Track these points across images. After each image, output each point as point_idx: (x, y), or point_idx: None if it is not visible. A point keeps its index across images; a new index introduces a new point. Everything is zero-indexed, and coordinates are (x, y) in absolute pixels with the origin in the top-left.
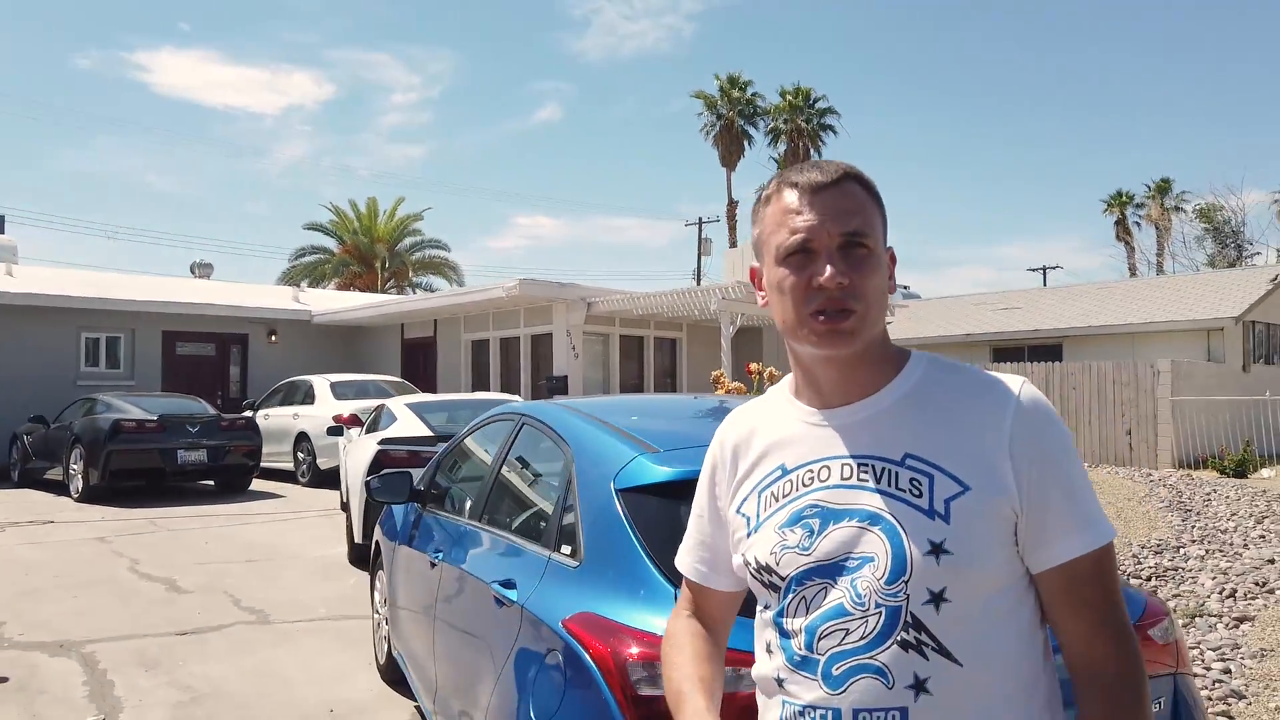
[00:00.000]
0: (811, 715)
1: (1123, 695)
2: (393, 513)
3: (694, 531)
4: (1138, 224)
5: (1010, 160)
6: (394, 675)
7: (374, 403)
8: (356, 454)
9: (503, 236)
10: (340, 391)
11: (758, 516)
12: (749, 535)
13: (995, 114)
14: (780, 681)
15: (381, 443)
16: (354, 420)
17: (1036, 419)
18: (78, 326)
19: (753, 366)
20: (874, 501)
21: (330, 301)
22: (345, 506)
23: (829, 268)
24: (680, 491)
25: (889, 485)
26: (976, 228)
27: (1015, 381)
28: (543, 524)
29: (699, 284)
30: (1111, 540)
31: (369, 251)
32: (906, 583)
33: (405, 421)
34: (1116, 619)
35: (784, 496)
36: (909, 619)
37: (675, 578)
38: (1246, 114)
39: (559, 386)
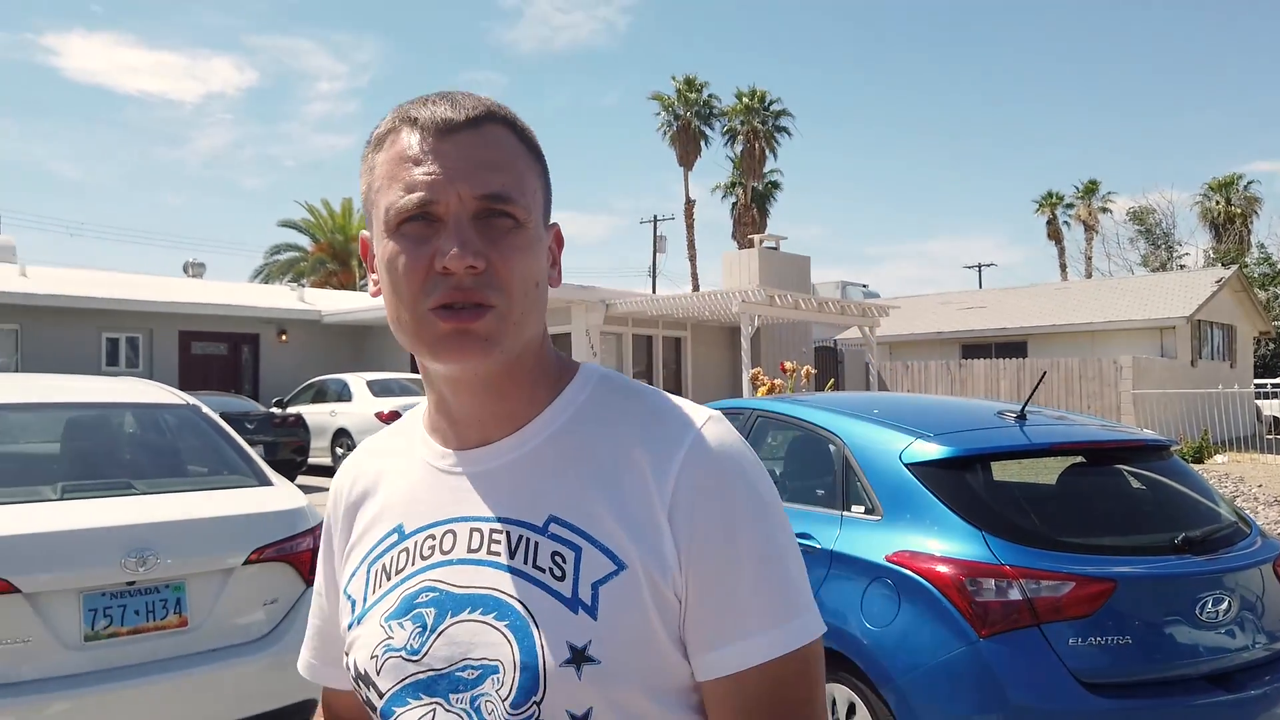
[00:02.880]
0: None
1: None
2: None
3: (311, 613)
4: (1067, 224)
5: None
6: None
7: (413, 400)
8: None
9: None
10: (376, 390)
11: (364, 601)
12: (351, 627)
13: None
14: None
15: None
16: (394, 416)
17: (713, 469)
18: (98, 327)
19: (787, 365)
20: (503, 584)
21: (338, 302)
22: None
23: (457, 243)
24: (955, 464)
25: (524, 561)
26: (903, 224)
27: (697, 417)
28: (819, 491)
29: (654, 280)
30: (810, 643)
31: (344, 250)
32: (539, 704)
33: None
34: None
35: (397, 573)
36: None
37: (975, 523)
38: (1169, 114)
39: None
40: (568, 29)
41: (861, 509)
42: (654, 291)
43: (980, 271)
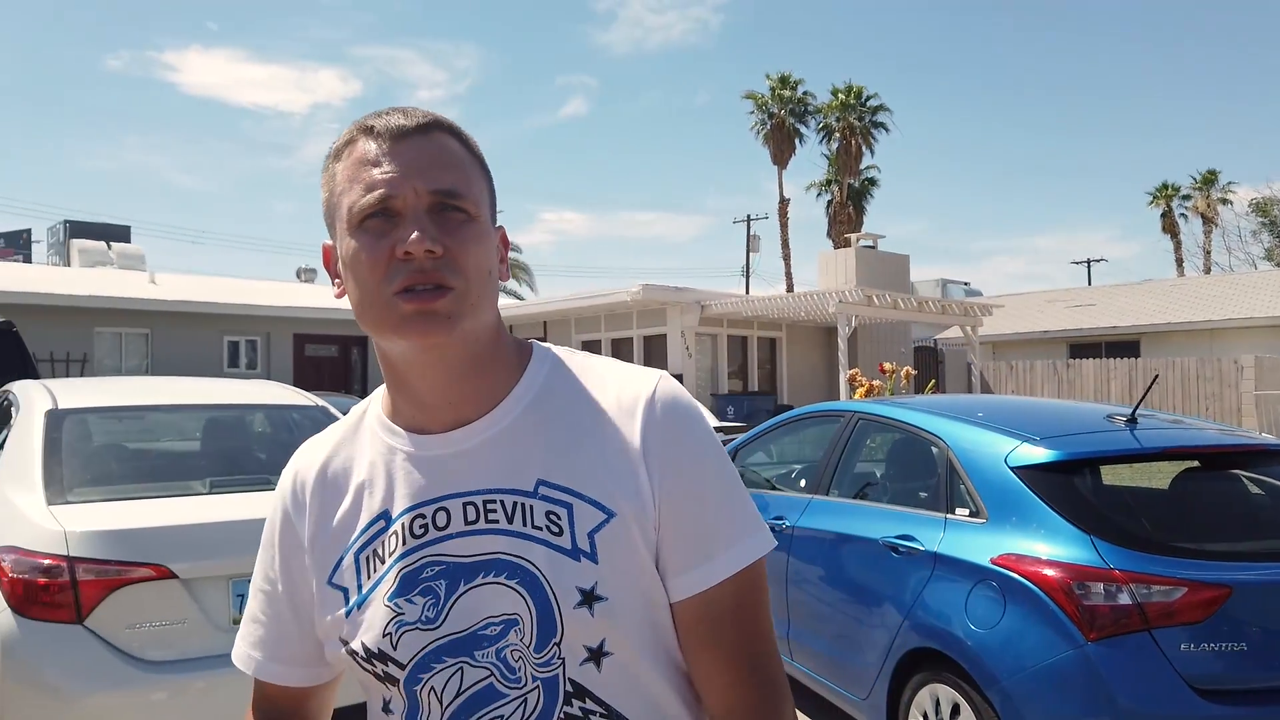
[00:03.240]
0: None
1: None
2: None
3: (251, 607)
4: (1184, 216)
5: (1043, 151)
6: None
7: None
8: None
9: (529, 232)
10: None
11: (359, 588)
12: (349, 614)
13: (1030, 105)
14: None
15: None
16: None
17: (674, 422)
18: (220, 331)
19: (886, 365)
20: (508, 547)
21: None
22: None
23: (416, 231)
24: (1062, 468)
25: (523, 524)
26: (1008, 219)
27: (651, 377)
28: (922, 494)
29: (748, 280)
30: (760, 559)
31: None
32: (559, 644)
33: None
34: (765, 669)
35: (391, 555)
36: (569, 687)
37: (1083, 526)
38: None
39: None
40: (661, 29)
41: (966, 512)
42: (747, 292)
43: (1089, 267)
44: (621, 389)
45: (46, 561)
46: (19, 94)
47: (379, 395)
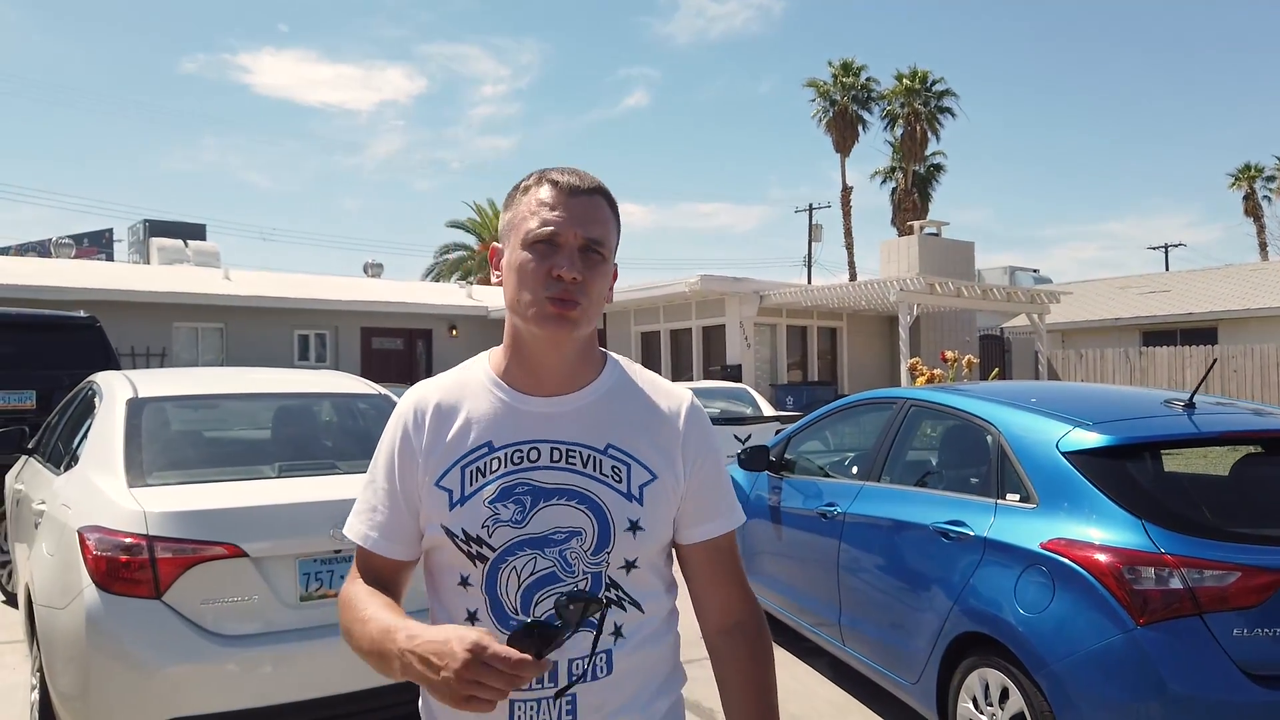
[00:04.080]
0: None
1: (765, 638)
2: (734, 481)
3: (367, 497)
4: (1268, 198)
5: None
6: None
7: None
8: None
9: None
10: None
11: (462, 490)
12: (452, 507)
13: (1103, 86)
14: None
15: None
16: None
17: (702, 427)
18: (290, 325)
19: (948, 354)
20: (582, 483)
21: (502, 298)
22: None
23: (569, 262)
24: (1115, 453)
25: (595, 470)
26: (1080, 205)
27: (687, 393)
28: (973, 479)
29: (809, 269)
30: (741, 524)
31: None
32: (609, 553)
33: None
34: (747, 584)
35: (491, 472)
36: (609, 581)
37: (1135, 511)
38: None
39: (734, 375)
40: (722, 18)
41: (1016, 497)
42: (809, 282)
43: (1166, 253)
44: (669, 398)
45: (128, 540)
46: (101, 99)
47: (483, 361)
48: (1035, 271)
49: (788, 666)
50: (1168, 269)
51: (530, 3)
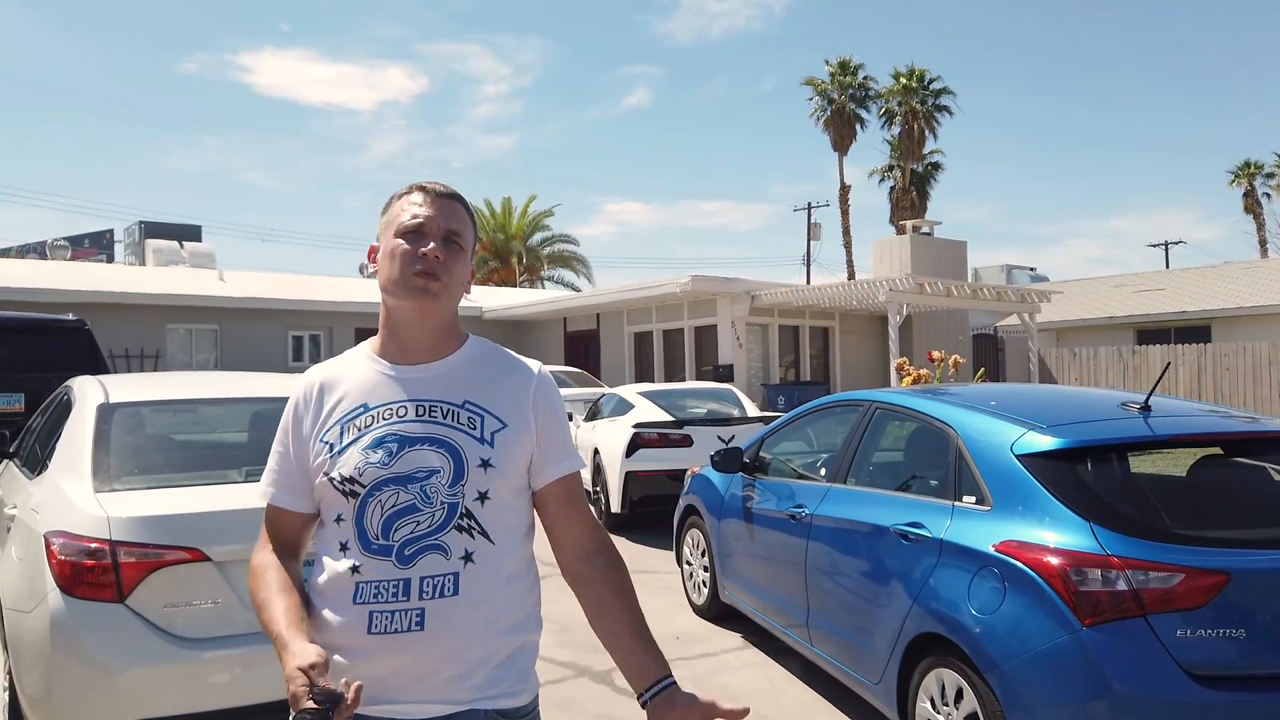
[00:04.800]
0: (384, 588)
1: (618, 558)
2: (710, 482)
3: (270, 465)
4: (1268, 195)
5: (1118, 130)
6: (716, 612)
7: (563, 392)
8: (609, 436)
9: (592, 224)
10: None
11: (340, 441)
12: (332, 457)
13: (1103, 82)
14: (355, 568)
15: (635, 426)
16: None
17: (548, 390)
18: (285, 326)
19: (935, 354)
20: (443, 432)
21: (496, 298)
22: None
23: (433, 244)
24: (1067, 456)
25: (453, 421)
26: (1082, 202)
27: (535, 364)
28: (932, 482)
29: (808, 268)
30: (582, 467)
31: (505, 248)
32: (464, 485)
33: (643, 408)
34: (594, 515)
35: (366, 427)
36: (463, 511)
37: (1083, 514)
38: None
39: (726, 374)
40: (724, 16)
41: (972, 499)
42: (808, 280)
43: (1167, 250)
44: (522, 366)
45: (91, 545)
46: (102, 100)
47: (368, 344)
48: (1032, 270)
49: (759, 667)
50: (1168, 266)
51: (531, 1)
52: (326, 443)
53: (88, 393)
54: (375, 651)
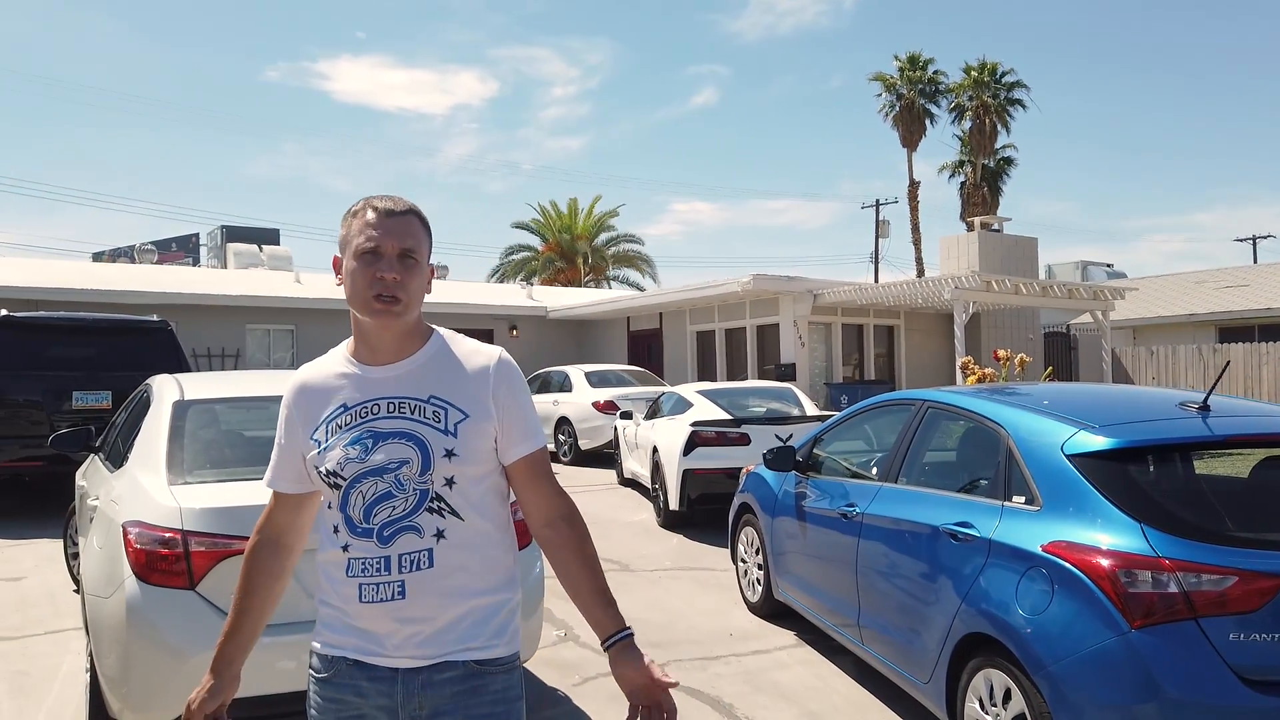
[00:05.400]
0: (369, 564)
1: (582, 524)
2: (764, 480)
3: (275, 454)
4: None
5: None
6: (771, 610)
7: (627, 390)
8: (668, 434)
9: (659, 223)
10: (594, 381)
11: (327, 439)
12: (319, 453)
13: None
14: (346, 548)
15: (694, 424)
16: (610, 406)
17: (506, 375)
18: None
19: (1001, 353)
20: (411, 426)
21: (561, 298)
22: (630, 479)
23: (389, 267)
24: (1118, 456)
25: (419, 415)
26: (1165, 196)
27: (496, 350)
28: (982, 481)
29: (876, 266)
30: (545, 446)
31: (570, 249)
32: (431, 475)
33: (702, 407)
34: (559, 486)
35: (346, 425)
36: (433, 496)
37: (1134, 515)
38: None
39: (788, 373)
40: (793, 13)
41: (1022, 499)
42: (876, 278)
43: (1255, 244)
44: (481, 356)
45: (165, 534)
46: (188, 109)
47: (344, 346)
48: (1109, 266)
49: (812, 665)
50: (1256, 261)
51: (599, 3)
52: (315, 440)
53: (165, 390)
54: (366, 616)
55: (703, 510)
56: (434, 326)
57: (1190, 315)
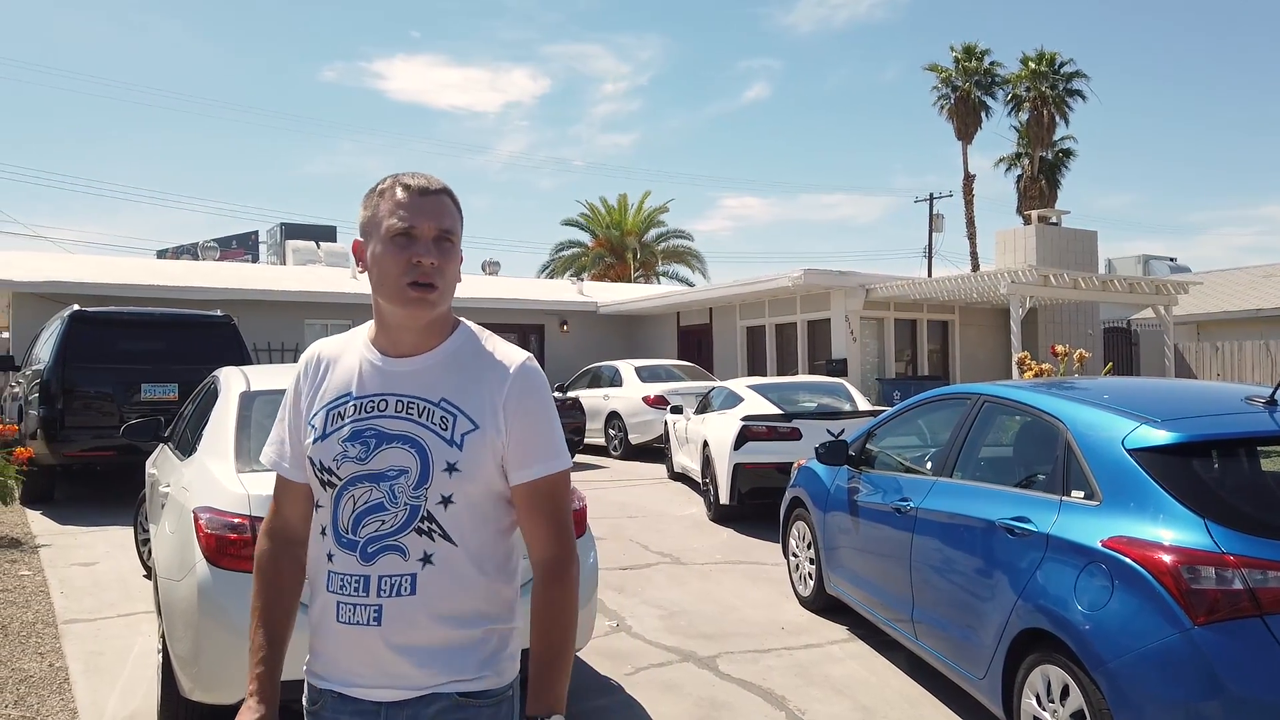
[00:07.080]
0: (348, 581)
1: (565, 579)
2: (816, 475)
3: (278, 430)
4: None
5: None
6: (822, 604)
7: (677, 385)
8: (718, 429)
9: (710, 219)
10: (644, 376)
11: (324, 428)
12: (315, 441)
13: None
14: (330, 555)
15: (744, 419)
16: (661, 401)
17: (527, 384)
18: None
19: (1058, 348)
20: (415, 430)
21: (611, 294)
22: (680, 473)
23: (426, 250)
24: (1181, 450)
25: (426, 420)
26: (1232, 188)
27: (520, 355)
28: (1040, 476)
29: (930, 260)
30: (565, 470)
31: (620, 244)
32: (426, 489)
33: (752, 401)
34: (565, 527)
35: (348, 417)
36: (425, 514)
37: (1198, 510)
38: None
39: (839, 369)
40: (846, 5)
41: (1081, 494)
42: (929, 273)
43: None
44: (503, 359)
45: (234, 519)
46: (248, 109)
47: (368, 326)
48: (1172, 260)
49: (864, 659)
50: None
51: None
52: (313, 425)
53: (232, 382)
54: (341, 637)
55: (753, 505)
56: (461, 319)
57: (1257, 310)
